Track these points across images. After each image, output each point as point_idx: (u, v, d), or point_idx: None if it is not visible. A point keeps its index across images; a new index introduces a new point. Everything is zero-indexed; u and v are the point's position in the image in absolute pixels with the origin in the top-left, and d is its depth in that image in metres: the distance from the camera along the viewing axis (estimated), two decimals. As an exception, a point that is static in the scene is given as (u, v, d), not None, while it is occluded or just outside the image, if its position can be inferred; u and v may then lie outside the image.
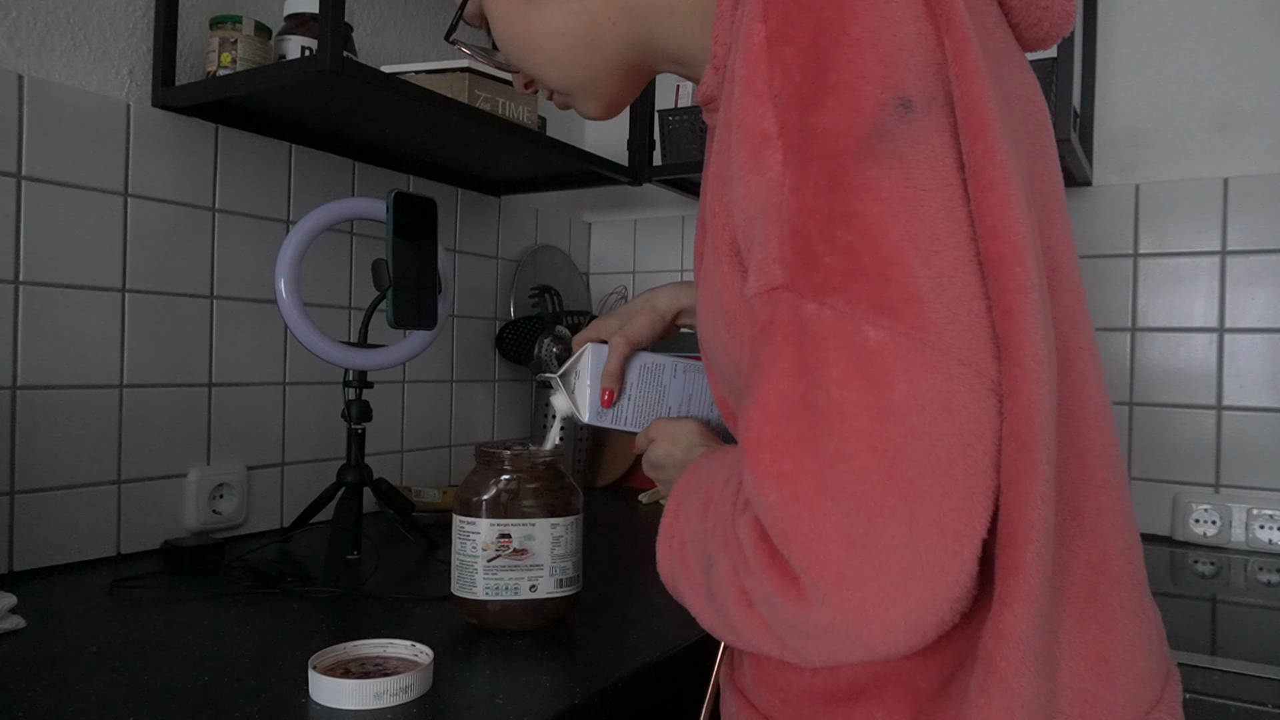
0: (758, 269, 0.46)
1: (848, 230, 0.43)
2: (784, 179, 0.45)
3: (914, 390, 0.41)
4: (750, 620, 0.48)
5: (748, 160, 0.47)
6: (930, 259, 0.43)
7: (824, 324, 0.43)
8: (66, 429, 1.06)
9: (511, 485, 0.83)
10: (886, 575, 0.41)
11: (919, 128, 0.44)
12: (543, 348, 1.64)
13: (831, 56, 0.44)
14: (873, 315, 0.42)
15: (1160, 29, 1.49)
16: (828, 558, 0.41)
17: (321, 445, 1.36)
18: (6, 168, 1.01)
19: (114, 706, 0.65)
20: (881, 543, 0.41)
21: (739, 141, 0.47)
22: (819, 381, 0.42)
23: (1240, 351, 1.42)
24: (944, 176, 0.44)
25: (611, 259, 1.99)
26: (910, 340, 0.42)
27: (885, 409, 0.41)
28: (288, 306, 1.11)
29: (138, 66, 1.14)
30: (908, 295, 0.42)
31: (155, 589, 0.97)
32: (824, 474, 0.41)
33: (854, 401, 0.41)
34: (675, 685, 0.81)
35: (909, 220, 0.43)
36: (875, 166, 0.43)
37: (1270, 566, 1.29)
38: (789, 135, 0.45)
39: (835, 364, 0.42)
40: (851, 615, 0.42)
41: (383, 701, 0.66)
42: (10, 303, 1.01)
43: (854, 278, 0.43)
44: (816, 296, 0.43)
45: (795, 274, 0.44)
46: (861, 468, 0.41)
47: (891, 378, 0.41)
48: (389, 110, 1.19)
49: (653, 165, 1.59)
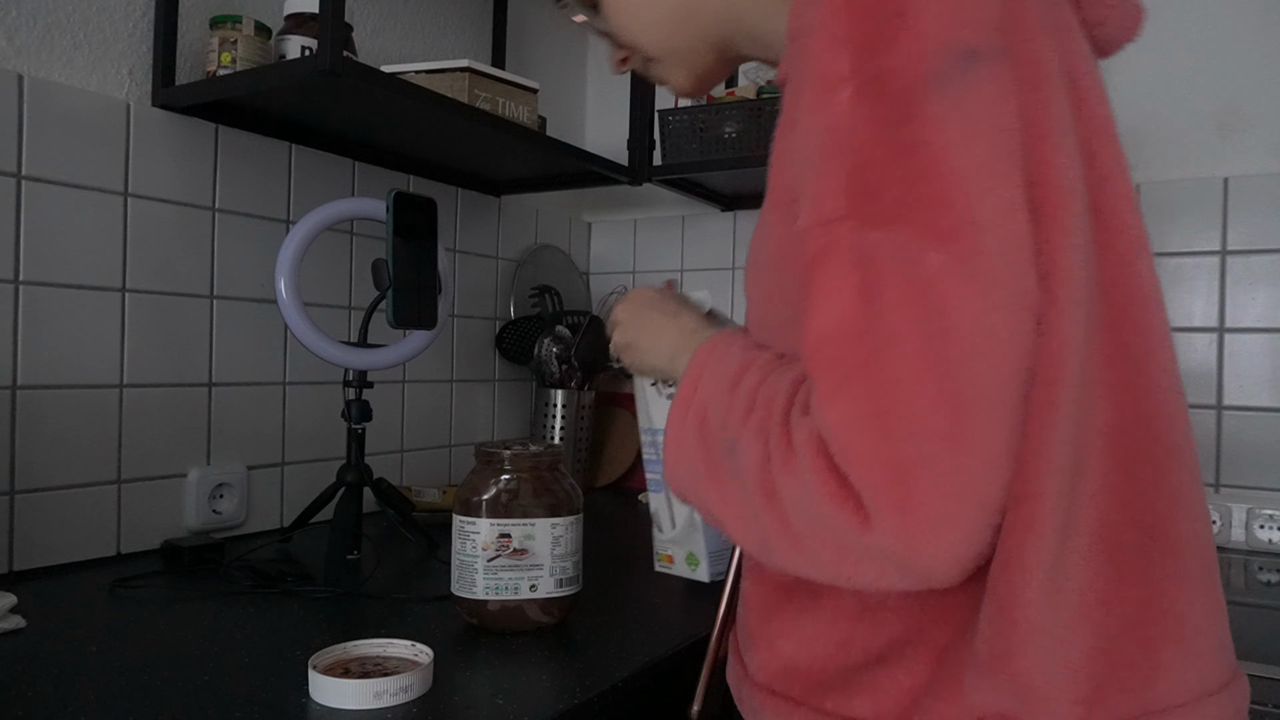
0: (814, 202, 0.48)
1: (913, 158, 0.45)
2: (852, 114, 0.47)
3: (966, 316, 0.43)
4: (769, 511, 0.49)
5: (815, 100, 0.49)
6: (987, 193, 0.45)
7: (884, 249, 0.45)
8: (66, 429, 1.06)
9: (511, 485, 0.83)
10: (940, 500, 0.43)
11: (984, 74, 0.47)
12: (543, 347, 1.64)
13: (907, 5, 0.47)
14: (932, 241, 0.44)
15: (1160, 29, 1.49)
16: (888, 478, 0.43)
17: (321, 445, 1.36)
18: (6, 168, 1.01)
19: (114, 706, 0.65)
20: (935, 466, 0.42)
21: (809, 85, 0.50)
22: (879, 306, 0.44)
23: (1240, 351, 1.42)
24: (1004, 122, 0.47)
25: (611, 259, 1.99)
26: (966, 266, 0.44)
27: (938, 334, 0.43)
28: (288, 306, 1.11)
29: (138, 66, 1.14)
30: (966, 222, 0.44)
31: (155, 589, 0.97)
32: (882, 396, 0.43)
33: (910, 325, 0.44)
34: (675, 685, 0.81)
35: (971, 153, 0.45)
36: (941, 103, 0.45)
37: (1270, 566, 1.29)
38: (861, 76, 0.47)
39: (894, 288, 0.44)
40: (909, 538, 0.43)
41: (383, 701, 0.66)
42: (10, 303, 1.01)
43: (917, 203, 0.45)
44: (878, 224, 0.45)
45: (858, 203, 0.46)
46: (916, 391, 0.43)
47: (945, 303, 0.43)
48: (389, 110, 1.19)
49: (653, 165, 1.59)
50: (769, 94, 1.47)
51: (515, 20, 1.76)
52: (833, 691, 0.55)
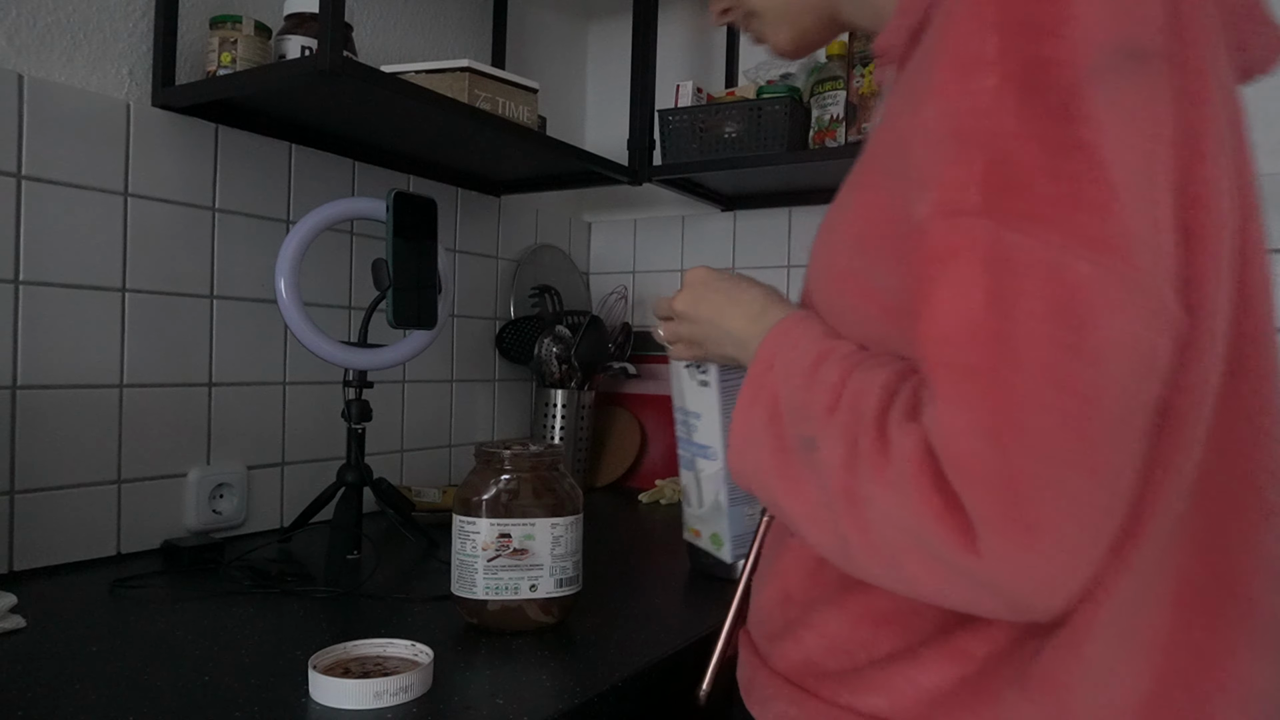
0: (942, 191, 0.45)
1: (1068, 159, 0.42)
2: (997, 102, 0.43)
3: (1113, 335, 0.40)
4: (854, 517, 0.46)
5: (952, 80, 0.45)
6: (1144, 205, 0.42)
7: (1027, 253, 0.41)
8: (66, 429, 1.06)
9: (511, 485, 0.83)
10: (1060, 527, 0.40)
11: (1147, 77, 0.43)
12: (543, 347, 1.64)
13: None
14: (1085, 249, 0.41)
15: (1160, 29, 1.49)
16: (1005, 500, 0.40)
17: (321, 445, 1.36)
18: (6, 168, 1.01)
19: (114, 706, 0.65)
20: (1061, 491, 0.39)
21: (947, 62, 0.46)
22: (1013, 312, 0.41)
23: (1240, 351, 1.42)
24: (1163, 132, 0.44)
25: (611, 259, 1.99)
26: (1119, 279, 0.40)
27: (1078, 347, 0.40)
28: (288, 306, 1.11)
29: (138, 66, 1.14)
30: (1124, 232, 0.41)
31: (155, 589, 0.97)
32: (1009, 409, 0.40)
33: (1048, 336, 0.40)
34: (675, 685, 0.81)
35: (1128, 161, 0.42)
36: (1101, 102, 0.42)
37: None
38: (1011, 62, 0.43)
39: (1034, 296, 0.41)
40: (1018, 566, 0.40)
41: (383, 701, 0.66)
42: (10, 303, 1.01)
43: (1072, 208, 0.41)
44: (1020, 224, 0.42)
45: (998, 200, 0.42)
46: (1047, 406, 0.40)
47: (1092, 316, 0.40)
48: (389, 110, 1.19)
49: (653, 165, 1.59)
50: (769, 94, 1.47)
51: (515, 20, 1.76)
52: (848, 686, 0.55)
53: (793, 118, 1.44)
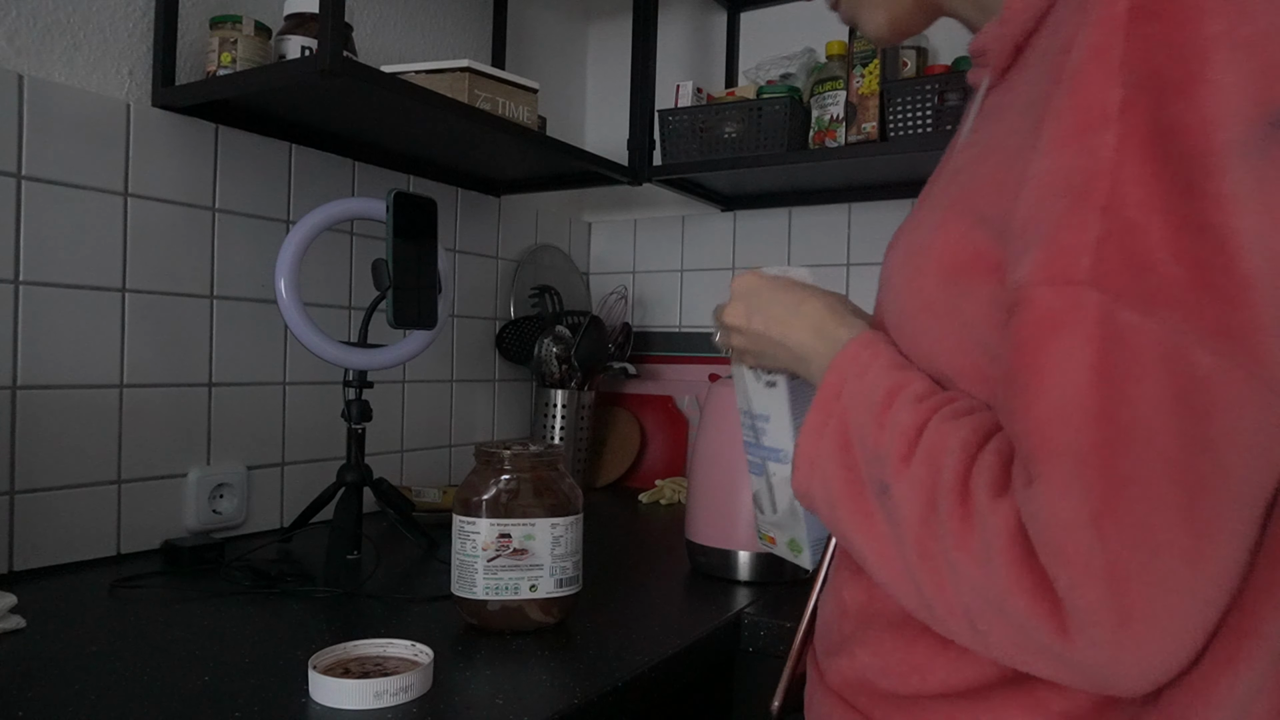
0: (1049, 255, 0.42)
1: (1201, 242, 0.39)
2: (1120, 166, 0.40)
3: (1234, 425, 0.39)
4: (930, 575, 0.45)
5: (1070, 133, 0.42)
6: (1277, 292, 0.39)
7: (1146, 336, 0.39)
8: (66, 429, 1.06)
9: (511, 485, 0.83)
10: (1162, 621, 0.39)
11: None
12: (543, 347, 1.64)
13: (1211, 51, 0.40)
14: (1210, 338, 0.39)
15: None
16: (1107, 591, 0.39)
17: (321, 445, 1.36)
18: (6, 168, 1.01)
19: (114, 706, 0.65)
20: (1167, 583, 0.38)
21: (1065, 111, 0.43)
22: (1127, 397, 0.39)
23: (1240, 351, 1.42)
24: None
25: (611, 259, 1.99)
26: (1244, 372, 0.39)
27: (1199, 440, 0.38)
28: (288, 306, 1.11)
29: (138, 66, 1.14)
30: (1254, 323, 0.39)
31: (155, 589, 0.97)
32: (1120, 498, 0.39)
33: (1165, 426, 0.39)
34: (675, 685, 0.81)
35: (1265, 245, 0.39)
36: (1239, 178, 0.39)
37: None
38: (1135, 120, 0.40)
39: (1152, 381, 0.39)
40: (1112, 655, 0.39)
41: (383, 701, 0.66)
42: (10, 303, 1.01)
43: (1196, 294, 0.39)
44: (1141, 305, 0.39)
45: (1115, 275, 0.40)
46: (1159, 498, 0.38)
47: (1211, 407, 0.38)
48: (389, 110, 1.19)
49: (653, 165, 1.59)
50: (769, 94, 1.47)
51: (515, 20, 1.76)
52: (905, 712, 0.53)
53: (793, 118, 1.44)
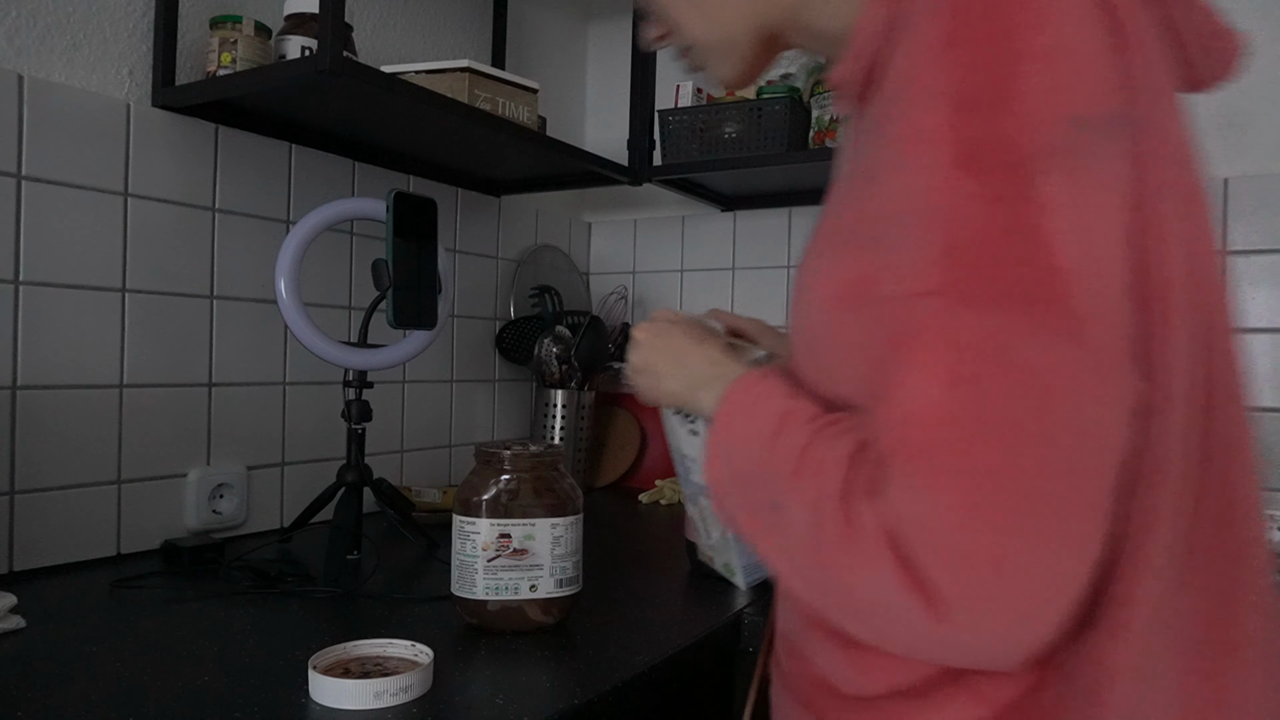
0: (903, 271, 0.45)
1: (1023, 244, 0.42)
2: (953, 182, 0.43)
3: (1074, 411, 0.41)
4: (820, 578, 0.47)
5: (902, 156, 0.46)
6: (1097, 283, 0.42)
7: (984, 336, 0.42)
8: (66, 429, 1.06)
9: (511, 485, 0.83)
10: (1029, 596, 0.41)
11: (1096, 149, 0.43)
12: (543, 348, 1.64)
13: (1016, 66, 0.43)
14: (1038, 333, 0.41)
15: (1160, 29, 1.49)
16: (974, 575, 0.41)
17: (321, 445, 1.36)
18: (6, 168, 1.01)
19: (114, 706, 0.65)
20: (1029, 563, 0.41)
21: (897, 137, 0.46)
22: (977, 395, 0.42)
23: (1240, 351, 1.42)
24: (1116, 201, 0.43)
25: (611, 259, 1.99)
26: (1073, 363, 0.41)
27: (1044, 429, 0.41)
28: (288, 306, 1.11)
29: (138, 66, 1.14)
30: (1075, 314, 0.42)
31: (155, 589, 0.97)
32: (978, 488, 0.41)
33: (1013, 419, 0.41)
34: (675, 685, 0.81)
35: (1081, 240, 0.42)
36: (1054, 183, 0.42)
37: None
38: (960, 139, 0.44)
39: (995, 378, 0.41)
40: (986, 633, 0.41)
41: (383, 701, 0.66)
42: (10, 303, 1.01)
43: (1022, 293, 0.42)
44: (978, 306, 0.42)
45: (956, 282, 0.43)
46: (1016, 485, 0.41)
47: (1051, 397, 0.41)
48: (389, 110, 1.19)
49: (653, 165, 1.59)
50: (769, 94, 1.47)
51: (515, 20, 1.76)
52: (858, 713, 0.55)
53: (793, 118, 1.44)
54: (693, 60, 0.69)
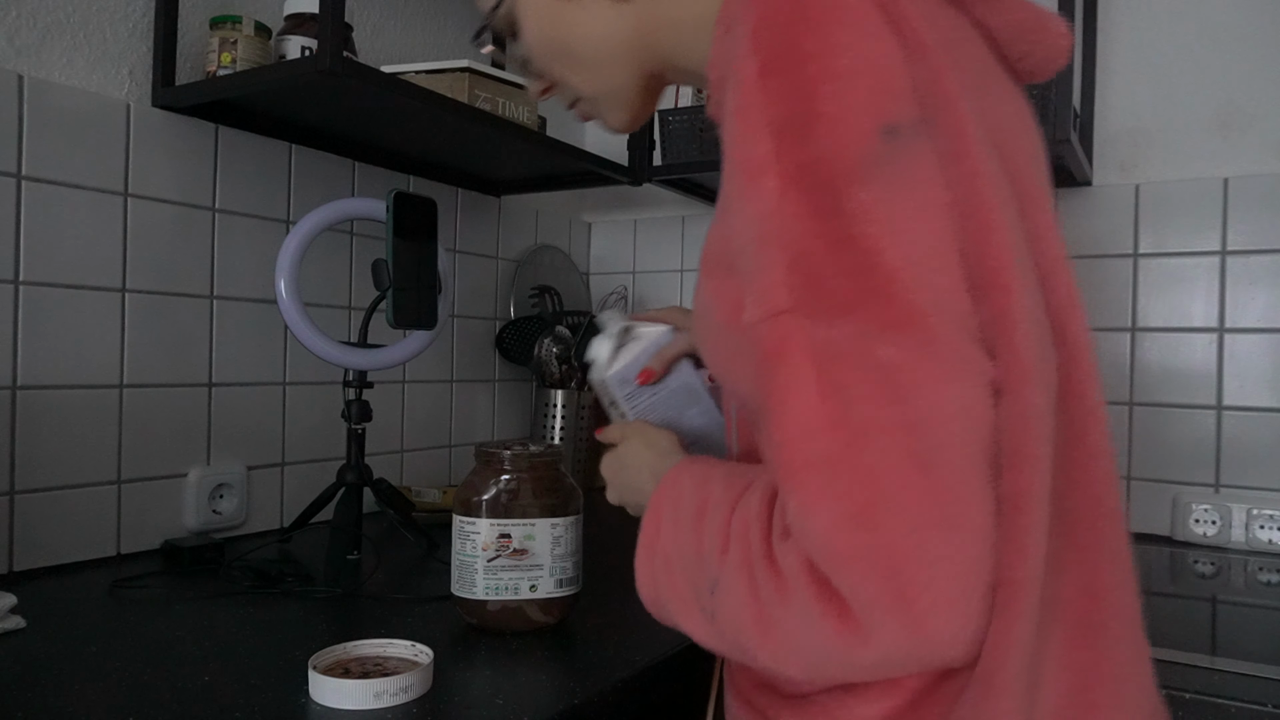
0: (760, 294, 0.47)
1: (849, 253, 0.44)
2: (783, 206, 0.46)
3: (934, 401, 0.43)
4: (766, 644, 0.48)
5: (744, 187, 0.48)
6: (927, 277, 0.45)
7: (837, 345, 0.44)
8: (66, 429, 1.06)
9: (511, 485, 0.83)
10: (942, 586, 0.41)
11: (906, 154, 0.46)
12: (543, 348, 1.64)
13: (819, 88, 0.46)
14: (883, 333, 0.43)
15: (1160, 29, 1.49)
16: (884, 576, 0.41)
17: (321, 445, 1.36)
18: (6, 168, 1.01)
19: (114, 706, 0.65)
20: (931, 553, 0.41)
21: (737, 170, 0.49)
22: (845, 401, 0.43)
23: (1240, 351, 1.42)
24: (932, 199, 0.46)
25: (611, 259, 1.99)
26: (921, 353, 0.43)
27: (910, 422, 0.42)
28: (288, 306, 1.11)
29: (138, 66, 1.14)
30: (912, 310, 0.44)
31: (155, 589, 0.97)
32: (867, 491, 0.42)
33: (880, 417, 0.43)
34: (675, 685, 0.81)
35: (903, 240, 0.45)
36: (867, 191, 0.45)
37: (1270, 566, 1.29)
38: (784, 162, 0.46)
39: (855, 384, 0.43)
40: (913, 633, 0.42)
41: (383, 701, 0.66)
42: (10, 303, 1.01)
43: (860, 299, 0.44)
44: (826, 319, 0.44)
45: (803, 298, 0.45)
46: (901, 482, 0.42)
47: (909, 392, 0.43)
48: (389, 110, 1.19)
49: (653, 165, 1.59)
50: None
51: (515, 20, 1.76)
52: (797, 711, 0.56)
53: (793, 118, 1.44)
54: (582, 110, 0.71)
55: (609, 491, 0.75)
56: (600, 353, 0.78)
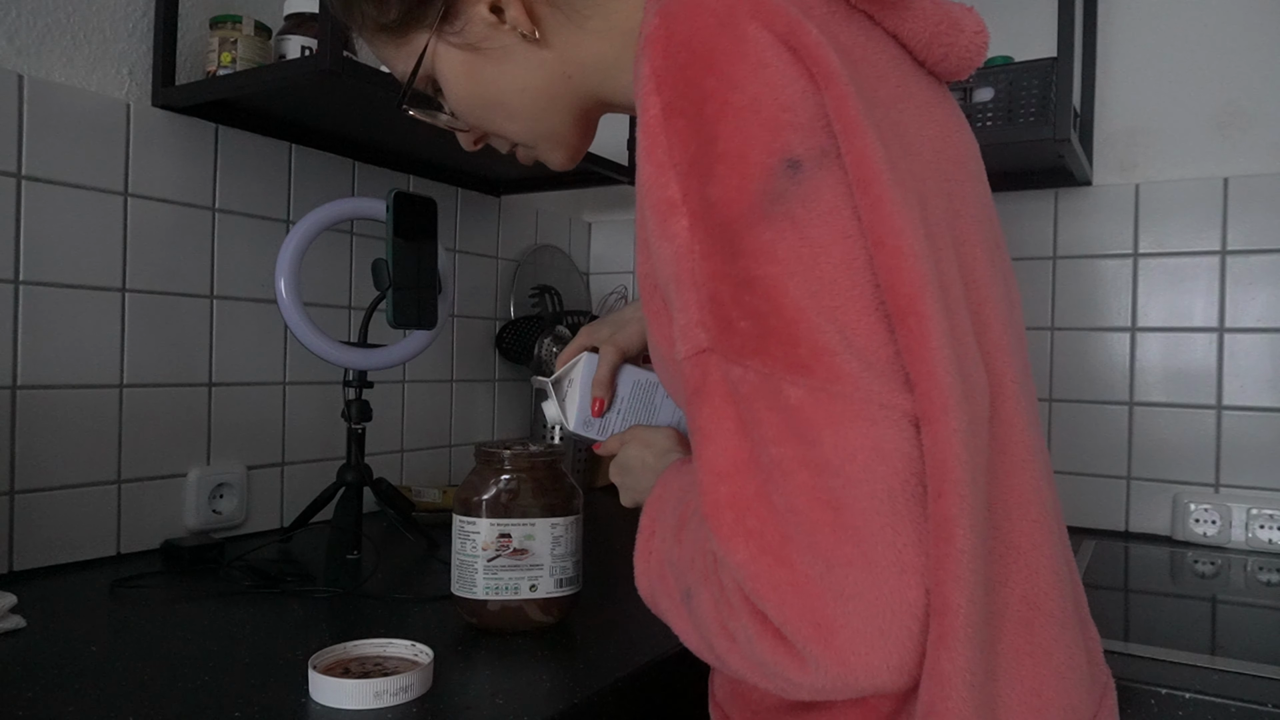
0: (683, 333, 0.47)
1: (752, 294, 0.44)
2: (692, 246, 0.46)
3: (841, 441, 0.42)
4: (733, 654, 0.48)
5: (659, 227, 0.48)
6: (834, 313, 0.44)
7: (749, 385, 0.44)
8: (66, 429, 1.06)
9: (511, 485, 0.83)
10: (859, 621, 0.41)
11: (810, 186, 0.45)
12: (543, 348, 1.64)
13: (717, 127, 0.45)
14: (789, 374, 0.43)
15: (1160, 29, 1.49)
16: (802, 609, 0.42)
17: (321, 445, 1.36)
18: (6, 168, 1.01)
19: (114, 706, 0.65)
20: (847, 590, 0.41)
21: (650, 209, 0.48)
22: (759, 440, 0.44)
23: (1240, 351, 1.42)
24: (840, 230, 0.45)
25: (611, 259, 1.99)
26: (827, 394, 0.43)
27: (819, 463, 0.42)
28: (288, 306, 1.11)
29: (138, 66, 1.14)
30: (817, 350, 0.43)
31: (155, 589, 0.97)
32: (780, 528, 0.42)
33: (791, 458, 0.43)
34: (675, 685, 0.82)
35: (808, 278, 0.44)
36: (770, 230, 0.44)
37: (1270, 566, 1.29)
38: (691, 203, 0.46)
39: (768, 423, 0.43)
40: (836, 664, 0.42)
41: (383, 701, 0.66)
42: (10, 303, 1.01)
43: (765, 340, 0.44)
44: (738, 359, 0.45)
45: (717, 338, 0.45)
46: (812, 521, 0.42)
47: (817, 432, 0.43)
48: (389, 110, 1.19)
49: (653, 165, 1.58)
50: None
51: (515, 20, 1.76)
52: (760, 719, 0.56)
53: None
54: (522, 155, 0.72)
55: (622, 496, 0.76)
56: (552, 414, 0.81)
